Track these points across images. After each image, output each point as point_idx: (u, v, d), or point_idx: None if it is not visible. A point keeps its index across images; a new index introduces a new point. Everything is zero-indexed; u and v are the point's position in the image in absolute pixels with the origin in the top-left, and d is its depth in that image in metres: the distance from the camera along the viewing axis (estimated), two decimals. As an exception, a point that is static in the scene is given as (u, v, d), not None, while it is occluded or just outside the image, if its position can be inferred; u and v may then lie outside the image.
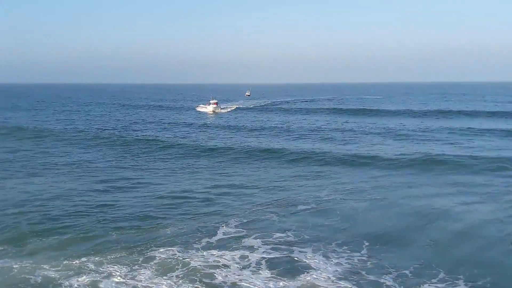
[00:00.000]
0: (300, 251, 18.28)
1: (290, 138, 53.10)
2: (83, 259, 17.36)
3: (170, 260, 17.24)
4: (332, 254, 18.15)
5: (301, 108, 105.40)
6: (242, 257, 17.72)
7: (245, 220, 22.39)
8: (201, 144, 47.38)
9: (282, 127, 65.03)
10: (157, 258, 17.45)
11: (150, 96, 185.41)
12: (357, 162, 36.91)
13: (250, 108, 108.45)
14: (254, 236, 20.14)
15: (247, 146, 45.86)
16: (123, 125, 68.00)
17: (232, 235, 20.34)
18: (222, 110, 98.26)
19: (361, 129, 62.04)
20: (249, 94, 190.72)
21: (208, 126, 67.21)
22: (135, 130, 60.79)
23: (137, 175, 33.25)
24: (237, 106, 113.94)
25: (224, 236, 20.10)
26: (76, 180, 31.16)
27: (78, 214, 23.16)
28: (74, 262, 16.87)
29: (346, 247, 18.84)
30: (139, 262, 17.05)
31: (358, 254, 18.21)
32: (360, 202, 25.54)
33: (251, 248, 18.55)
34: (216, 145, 46.59)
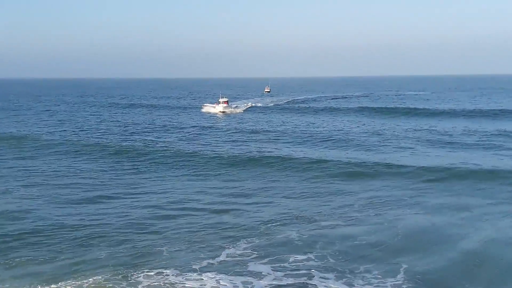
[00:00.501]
0: (321, 278, 18.05)
1: (314, 144, 52.86)
2: (60, 283, 17.30)
3: (159, 285, 17.19)
4: (360, 281, 17.89)
5: (328, 107, 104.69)
6: (245, 284, 17.56)
7: (256, 239, 22.38)
8: (207, 150, 47.71)
9: (305, 130, 64.61)
10: (144, 283, 17.39)
11: (147, 94, 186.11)
12: (394, 173, 36.70)
13: (268, 107, 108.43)
14: (266, 258, 20.09)
15: (263, 152, 46.03)
16: (113, 130, 68.22)
17: (239, 257, 20.28)
18: (234, 110, 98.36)
19: (400, 132, 61.28)
20: (268, 90, 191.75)
21: (216, 130, 67.29)
22: (130, 135, 60.96)
23: (133, 183, 33.79)
24: (252, 104, 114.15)
25: (228, 258, 20.05)
26: (60, 189, 31.70)
27: (58, 230, 23.47)
28: (49, 288, 16.83)
29: (377, 272, 18.62)
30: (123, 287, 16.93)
31: (392, 280, 17.90)
32: (396, 218, 25.53)
33: (259, 274, 18.43)
34: (224, 152, 46.93)
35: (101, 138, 58.55)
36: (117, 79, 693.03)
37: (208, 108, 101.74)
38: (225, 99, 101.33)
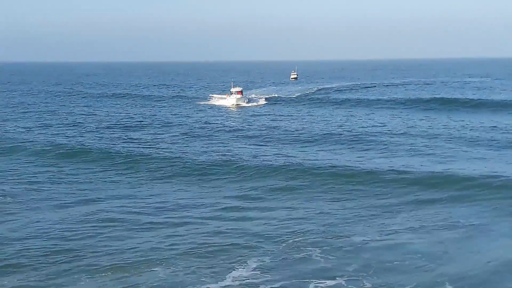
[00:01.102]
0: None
1: (349, 148, 52.34)
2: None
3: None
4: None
5: (366, 99, 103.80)
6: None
7: (270, 258, 22.55)
8: (214, 156, 47.57)
9: (338, 129, 63.64)
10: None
11: (134, 81, 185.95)
12: (448, 186, 35.65)
13: (293, 99, 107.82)
14: (282, 283, 20.15)
15: (281, 158, 45.84)
16: (94, 127, 68.76)
17: (248, 279, 20.41)
18: (250, 104, 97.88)
19: (460, 131, 60.53)
20: (295, 76, 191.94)
21: (227, 128, 66.88)
22: (117, 137, 60.91)
23: (124, 193, 34.33)
24: (275, 95, 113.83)
25: (235, 282, 20.13)
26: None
27: (36, 252, 23.78)
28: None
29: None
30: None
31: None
32: (447, 236, 25.74)
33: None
34: (236, 156, 46.91)
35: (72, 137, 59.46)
36: (101, 62, 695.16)
37: (218, 100, 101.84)
38: (239, 89, 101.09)
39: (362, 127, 65.84)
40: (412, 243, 24.62)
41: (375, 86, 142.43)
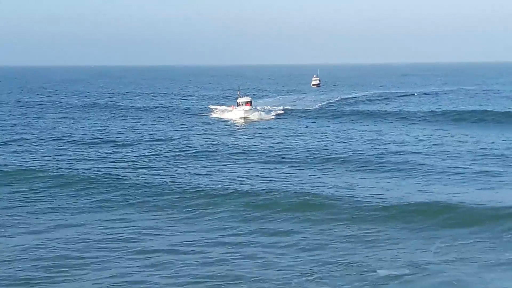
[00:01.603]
0: None
1: (380, 171, 52.32)
2: None
3: None
4: None
5: (399, 111, 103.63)
6: None
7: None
8: (212, 183, 47.20)
9: (368, 150, 62.92)
10: None
11: (105, 90, 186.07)
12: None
13: (313, 111, 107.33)
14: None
15: (296, 186, 45.70)
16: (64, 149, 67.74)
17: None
18: (260, 118, 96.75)
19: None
20: (317, 82, 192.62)
21: (231, 148, 65.72)
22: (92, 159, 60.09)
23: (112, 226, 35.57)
24: (291, 107, 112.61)
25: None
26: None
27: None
28: None
29: None
30: None
31: None
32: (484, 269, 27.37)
33: None
34: (245, 184, 46.75)
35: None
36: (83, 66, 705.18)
37: (222, 113, 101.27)
38: (247, 99, 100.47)
39: (391, 145, 66.43)
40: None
41: (409, 95, 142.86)
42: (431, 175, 49.93)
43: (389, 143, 67.57)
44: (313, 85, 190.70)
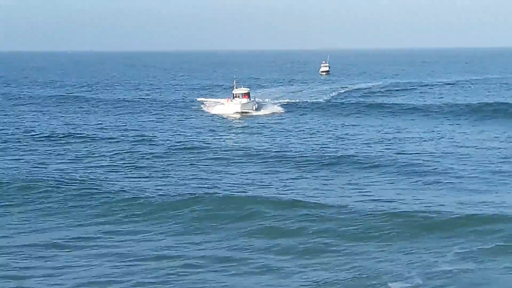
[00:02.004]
0: None
1: (397, 177, 52.15)
2: None
3: None
4: None
5: (417, 105, 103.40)
6: None
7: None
8: (200, 190, 47.00)
9: (381, 152, 62.48)
10: None
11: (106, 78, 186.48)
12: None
13: (319, 104, 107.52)
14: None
15: (299, 195, 45.65)
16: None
17: None
18: (260, 112, 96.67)
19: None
20: (327, 69, 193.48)
21: (224, 149, 65.27)
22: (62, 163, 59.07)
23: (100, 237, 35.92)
24: (296, 100, 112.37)
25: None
26: None
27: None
28: None
29: None
30: None
31: None
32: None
33: None
34: (245, 192, 46.68)
35: None
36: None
37: (213, 107, 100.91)
38: (245, 90, 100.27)
39: (413, 143, 66.86)
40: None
41: (429, 86, 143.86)
42: (452, 181, 49.95)
43: (406, 143, 67.89)
44: (322, 72, 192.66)
